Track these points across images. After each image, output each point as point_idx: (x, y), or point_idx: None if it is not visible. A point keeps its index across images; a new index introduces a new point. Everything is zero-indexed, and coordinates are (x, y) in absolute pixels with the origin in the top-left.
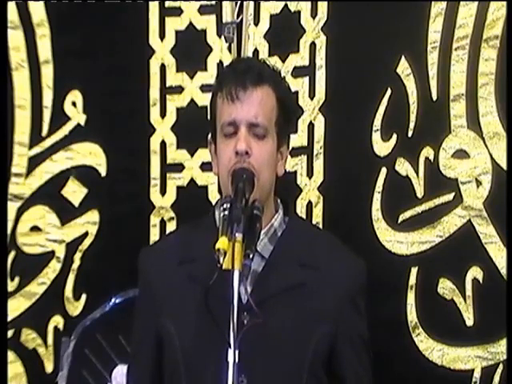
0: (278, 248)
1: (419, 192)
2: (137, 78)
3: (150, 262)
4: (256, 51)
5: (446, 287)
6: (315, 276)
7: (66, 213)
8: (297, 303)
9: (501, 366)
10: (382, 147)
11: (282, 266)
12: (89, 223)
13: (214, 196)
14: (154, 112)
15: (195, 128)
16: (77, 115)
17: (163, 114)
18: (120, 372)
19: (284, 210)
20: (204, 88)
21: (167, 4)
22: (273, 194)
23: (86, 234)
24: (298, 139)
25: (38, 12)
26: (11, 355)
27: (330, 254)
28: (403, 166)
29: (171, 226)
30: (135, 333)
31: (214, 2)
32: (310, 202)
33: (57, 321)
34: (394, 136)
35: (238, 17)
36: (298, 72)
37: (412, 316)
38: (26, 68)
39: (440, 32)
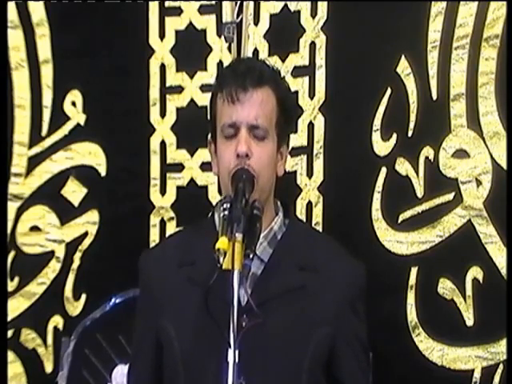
0: (277, 251)
1: (419, 192)
2: (137, 78)
3: (150, 264)
4: (256, 51)
5: (446, 287)
6: (315, 279)
7: (66, 213)
8: (296, 306)
9: (501, 366)
10: (381, 147)
11: (281, 269)
12: (88, 223)
13: (213, 196)
14: (154, 112)
15: (195, 128)
16: (76, 115)
17: (163, 113)
18: (120, 372)
19: (284, 213)
20: (204, 88)
21: (167, 4)
22: (273, 195)
23: (85, 234)
24: (297, 139)
25: (37, 12)
26: (11, 355)
27: (329, 257)
28: (403, 166)
29: (171, 226)
30: (135, 334)
31: (213, 2)
32: (309, 202)
33: (56, 321)
34: (394, 136)
35: (237, 17)
36: (297, 72)
37: (412, 316)
38: (26, 68)
39: (440, 31)
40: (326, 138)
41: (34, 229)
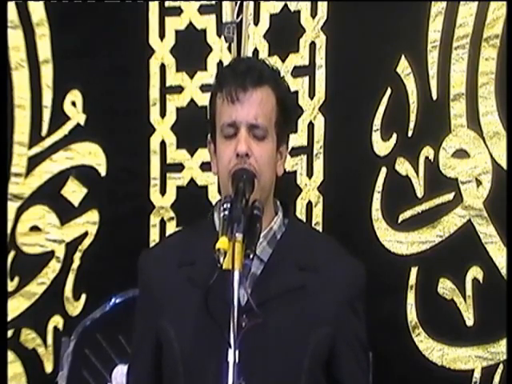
0: (277, 251)
1: (419, 192)
2: (137, 78)
3: (149, 264)
4: (256, 51)
5: (446, 287)
6: (314, 279)
7: (66, 213)
8: (296, 306)
9: (501, 366)
10: (381, 147)
11: (280, 269)
12: (88, 223)
13: (213, 196)
14: (154, 112)
15: (195, 128)
16: (76, 115)
17: (163, 113)
18: (120, 372)
19: (284, 212)
20: (204, 88)
21: (167, 4)
22: (272, 194)
23: (85, 234)
24: (297, 139)
25: (37, 12)
26: (11, 355)
27: (329, 257)
28: (403, 166)
29: (171, 226)
30: (135, 335)
31: (213, 2)
32: (309, 202)
33: (56, 321)
34: (394, 136)
35: (237, 17)
36: (297, 72)
37: (412, 316)
38: (26, 68)
39: (440, 31)
40: (326, 138)
41: (34, 229)
